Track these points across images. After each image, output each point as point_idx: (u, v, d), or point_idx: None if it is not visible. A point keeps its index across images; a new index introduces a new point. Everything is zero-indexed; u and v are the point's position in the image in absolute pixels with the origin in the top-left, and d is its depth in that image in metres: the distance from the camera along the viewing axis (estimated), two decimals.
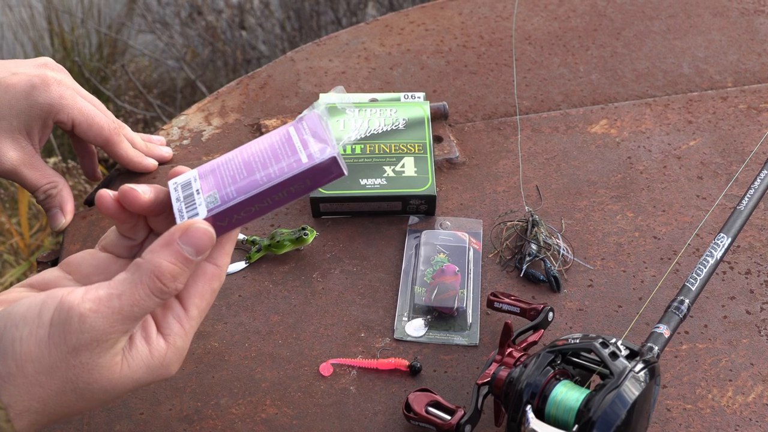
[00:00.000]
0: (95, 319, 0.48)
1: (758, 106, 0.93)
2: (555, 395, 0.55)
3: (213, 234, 0.52)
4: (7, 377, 0.48)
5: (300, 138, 0.55)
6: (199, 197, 0.54)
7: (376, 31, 1.07)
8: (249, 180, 0.54)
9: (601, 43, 1.04)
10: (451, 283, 0.72)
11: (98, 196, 0.54)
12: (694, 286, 0.63)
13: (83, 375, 0.49)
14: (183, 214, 0.54)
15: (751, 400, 0.64)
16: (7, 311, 0.50)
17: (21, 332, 0.48)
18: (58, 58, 2.34)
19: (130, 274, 0.50)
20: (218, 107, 0.96)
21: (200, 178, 0.55)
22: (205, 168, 0.56)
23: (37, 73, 0.76)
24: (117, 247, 0.57)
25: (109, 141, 0.80)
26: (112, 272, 0.54)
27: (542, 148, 0.88)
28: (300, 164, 0.54)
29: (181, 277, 0.51)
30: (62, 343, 0.48)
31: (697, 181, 0.84)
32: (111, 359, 0.50)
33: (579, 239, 0.78)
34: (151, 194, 0.55)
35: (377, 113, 0.86)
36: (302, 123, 0.56)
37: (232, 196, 0.54)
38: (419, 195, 0.78)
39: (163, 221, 0.57)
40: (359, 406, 0.64)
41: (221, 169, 0.55)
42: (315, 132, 0.55)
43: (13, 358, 0.48)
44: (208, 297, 0.55)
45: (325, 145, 0.54)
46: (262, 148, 0.56)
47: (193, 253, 0.51)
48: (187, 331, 0.53)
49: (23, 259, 1.72)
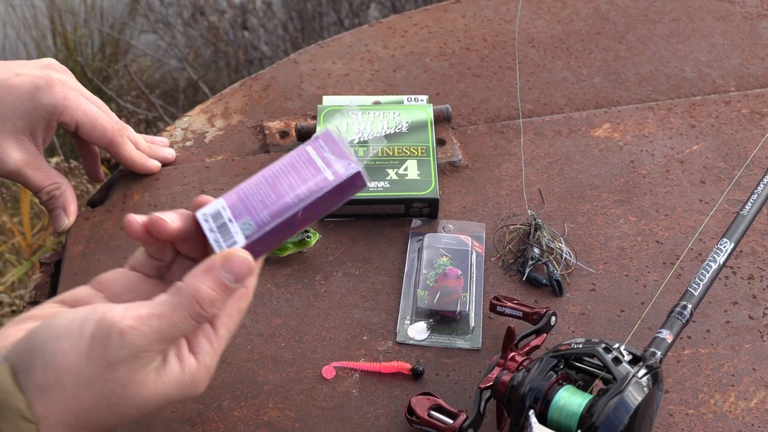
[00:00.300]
0: (134, 336, 0.49)
1: (761, 110, 0.93)
2: (558, 400, 0.55)
3: (253, 264, 0.54)
4: (47, 388, 0.49)
5: (320, 156, 0.57)
6: (233, 225, 0.55)
7: (380, 33, 1.07)
8: (280, 203, 0.55)
9: (604, 47, 1.04)
10: (453, 286, 0.72)
11: (127, 223, 0.56)
12: (697, 291, 0.63)
13: (118, 390, 0.50)
14: (221, 244, 0.55)
15: (753, 405, 0.64)
16: (49, 324, 0.51)
17: (63, 344, 0.49)
18: (61, 58, 2.34)
19: (171, 296, 0.52)
20: (221, 109, 0.96)
21: (229, 207, 0.56)
22: (232, 196, 0.57)
23: (41, 75, 0.76)
24: (145, 266, 0.59)
25: (113, 142, 0.81)
26: (142, 291, 0.57)
27: (545, 152, 0.88)
28: (327, 182, 0.56)
29: (218, 303, 0.53)
30: (101, 357, 0.49)
31: (700, 186, 0.84)
32: (146, 376, 0.51)
33: (581, 243, 0.78)
34: (178, 223, 0.56)
35: (380, 116, 0.86)
36: (318, 141, 0.58)
37: (267, 221, 0.55)
38: (422, 198, 0.78)
39: (189, 245, 0.58)
40: (361, 409, 0.64)
41: (248, 195, 0.56)
42: (333, 149, 0.57)
43: (54, 369, 0.49)
44: (236, 317, 0.56)
45: (348, 161, 0.56)
46: (285, 170, 0.57)
47: (233, 281, 0.53)
48: (216, 350, 0.55)
49: (25, 258, 1.72)
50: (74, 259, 0.78)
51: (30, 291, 0.77)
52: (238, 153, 0.89)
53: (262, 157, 0.88)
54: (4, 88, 0.74)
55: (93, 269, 0.76)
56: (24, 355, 0.50)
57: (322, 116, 0.86)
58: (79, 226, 0.81)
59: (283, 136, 0.91)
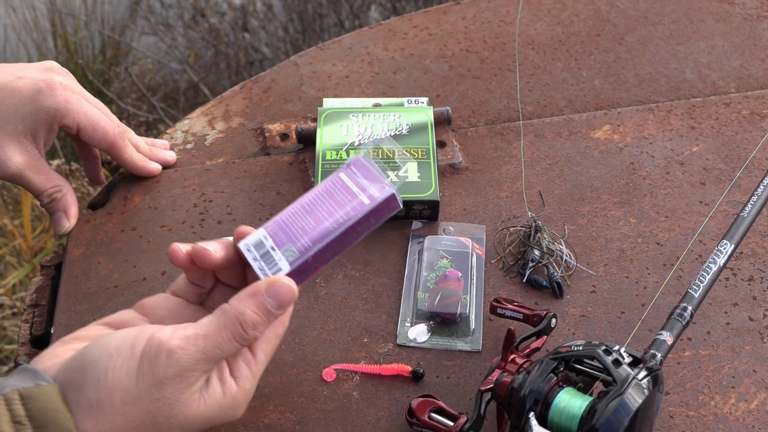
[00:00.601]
0: (181, 355, 0.52)
1: (761, 111, 0.94)
2: (558, 402, 0.55)
3: (296, 291, 0.56)
4: (97, 405, 0.51)
5: (354, 182, 0.60)
6: (276, 253, 0.58)
7: (380, 35, 1.07)
8: (320, 229, 0.59)
9: (604, 49, 1.04)
10: (454, 288, 0.72)
11: (171, 252, 0.59)
12: (697, 293, 0.63)
13: (164, 408, 0.52)
14: (266, 272, 0.58)
15: (753, 407, 0.64)
16: (101, 342, 0.53)
17: (114, 362, 0.52)
18: (62, 61, 2.34)
19: (216, 317, 0.54)
20: (222, 111, 0.96)
21: (270, 236, 0.59)
22: (272, 225, 0.60)
23: (42, 78, 0.76)
24: (187, 292, 0.62)
25: (114, 145, 0.81)
26: (185, 316, 0.59)
27: (545, 154, 0.88)
28: (364, 206, 0.59)
29: (261, 327, 0.55)
30: (150, 375, 0.51)
31: (700, 187, 0.84)
32: (190, 396, 0.53)
33: (582, 245, 0.78)
34: (221, 252, 0.59)
35: (381, 118, 0.86)
36: (351, 168, 0.61)
37: (309, 247, 0.58)
38: (422, 200, 0.78)
39: (230, 273, 0.61)
40: (362, 411, 0.65)
41: (288, 223, 0.59)
42: (365, 174, 0.60)
43: (105, 385, 0.51)
44: (273, 342, 0.59)
45: (382, 184, 0.60)
46: (321, 197, 0.60)
47: (276, 307, 0.55)
48: (254, 374, 0.57)
49: (26, 261, 1.72)
50: (75, 261, 0.78)
51: (31, 294, 0.77)
52: (238, 155, 0.90)
53: (263, 159, 0.88)
54: (6, 91, 0.74)
55: (93, 272, 0.76)
56: (77, 372, 0.52)
57: (323, 118, 0.86)
58: (79, 229, 0.81)
59: (283, 139, 0.91)
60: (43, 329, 0.74)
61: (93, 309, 0.73)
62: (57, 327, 0.72)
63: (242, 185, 0.85)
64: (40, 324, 0.74)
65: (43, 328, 0.74)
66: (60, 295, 0.75)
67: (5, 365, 1.59)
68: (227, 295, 0.59)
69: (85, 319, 0.72)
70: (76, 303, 0.74)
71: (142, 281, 0.75)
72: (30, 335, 0.73)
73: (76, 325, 0.71)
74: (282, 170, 0.87)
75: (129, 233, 0.80)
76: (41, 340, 0.73)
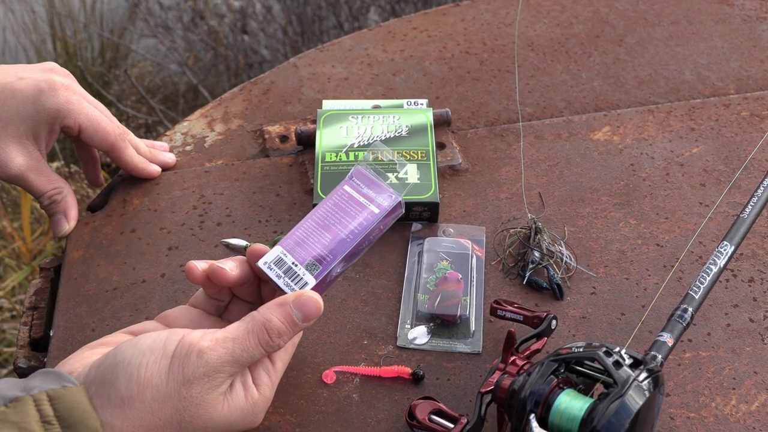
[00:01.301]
0: (211, 355, 0.54)
1: (761, 113, 0.94)
2: (558, 404, 0.55)
3: (321, 306, 0.59)
4: (129, 400, 0.53)
5: (360, 193, 0.64)
6: (299, 268, 0.61)
7: (379, 37, 1.07)
8: (337, 241, 0.62)
9: (603, 50, 1.04)
10: (454, 290, 0.72)
11: (188, 269, 0.61)
12: (698, 294, 0.63)
13: (191, 408, 0.54)
14: (292, 287, 0.60)
15: (755, 408, 0.64)
16: (134, 342, 0.55)
17: (147, 359, 0.54)
18: (61, 63, 2.34)
19: (245, 323, 0.57)
20: (221, 113, 0.96)
21: (289, 253, 0.62)
22: (288, 242, 0.62)
23: (44, 78, 0.76)
24: (205, 305, 0.64)
25: (114, 146, 0.81)
26: (205, 326, 0.62)
27: (545, 155, 0.88)
28: (374, 215, 0.63)
29: (285, 336, 0.57)
30: (180, 374, 0.53)
31: (699, 189, 0.84)
32: (216, 397, 0.55)
33: (582, 246, 0.78)
34: (237, 271, 0.61)
35: (380, 120, 0.86)
36: (353, 180, 0.65)
37: (330, 260, 0.61)
38: (422, 202, 0.78)
39: (246, 289, 0.64)
40: (362, 413, 0.64)
41: (304, 239, 0.62)
42: (369, 184, 0.64)
43: (137, 381, 0.53)
44: (290, 351, 0.61)
45: (388, 193, 0.64)
46: (332, 211, 0.63)
47: (301, 319, 0.58)
48: (273, 382, 0.59)
49: (25, 263, 1.72)
50: (74, 264, 0.78)
51: (30, 296, 0.77)
52: (237, 157, 0.90)
53: (262, 161, 0.88)
54: (7, 92, 0.74)
55: (93, 274, 0.76)
56: (109, 368, 0.54)
57: (322, 120, 0.86)
58: (78, 231, 0.81)
59: (282, 141, 0.91)
60: (42, 332, 0.74)
61: (92, 311, 0.73)
62: (56, 329, 0.71)
63: (241, 187, 0.85)
64: (39, 327, 0.74)
65: (42, 330, 0.74)
66: (59, 297, 0.75)
67: (4, 368, 1.58)
68: (244, 309, 0.62)
69: (85, 322, 0.72)
70: (76, 305, 0.73)
71: (141, 283, 0.75)
72: (29, 338, 0.73)
73: (75, 327, 0.71)
74: (281, 172, 0.87)
75: (128, 235, 0.80)
76: (40, 343, 0.73)
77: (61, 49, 2.41)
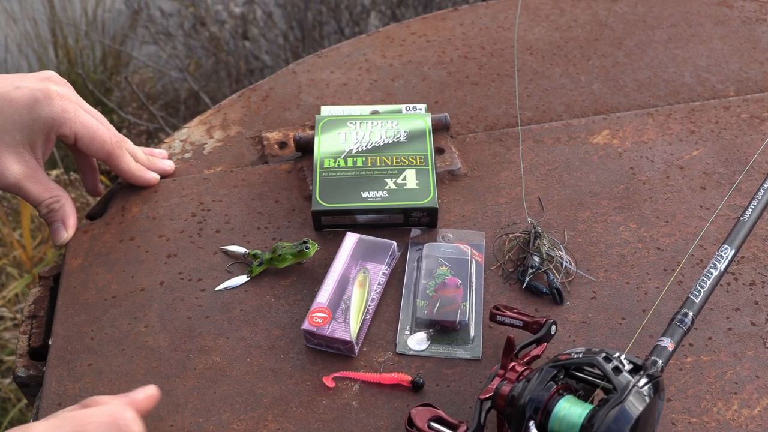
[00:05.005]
0: None
1: (761, 115, 0.93)
2: (558, 411, 0.55)
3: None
4: None
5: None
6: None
7: (378, 42, 1.07)
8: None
9: (602, 53, 1.04)
10: (453, 296, 0.71)
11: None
12: (698, 298, 0.63)
13: None
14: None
15: (756, 413, 0.64)
16: None
17: None
18: (62, 71, 2.35)
19: None
20: (220, 120, 0.96)
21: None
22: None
23: (40, 87, 0.76)
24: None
25: (111, 155, 0.81)
26: None
27: (544, 159, 0.88)
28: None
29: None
30: None
31: (700, 192, 0.84)
32: None
33: (582, 251, 0.77)
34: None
35: (378, 125, 0.86)
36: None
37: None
38: (421, 207, 0.78)
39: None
40: (361, 421, 0.64)
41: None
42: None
43: None
44: None
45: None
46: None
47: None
48: None
49: (26, 271, 1.72)
50: (73, 272, 0.77)
51: (29, 305, 0.77)
52: (236, 164, 0.89)
53: (261, 167, 0.88)
54: (4, 102, 0.74)
55: (92, 282, 0.76)
56: None
57: (321, 126, 0.86)
58: (77, 239, 0.81)
59: (281, 147, 0.91)
60: (41, 341, 0.73)
61: (91, 320, 0.73)
62: (55, 338, 0.71)
63: (240, 194, 0.85)
64: (38, 335, 0.74)
65: (41, 339, 0.74)
66: (58, 306, 0.74)
67: (6, 378, 1.58)
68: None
69: (83, 331, 0.72)
70: (74, 314, 0.73)
71: (140, 291, 0.75)
72: (28, 347, 0.73)
73: (74, 336, 0.71)
74: (280, 178, 0.87)
75: (127, 243, 0.80)
76: (39, 352, 0.73)
77: (62, 56, 2.42)
